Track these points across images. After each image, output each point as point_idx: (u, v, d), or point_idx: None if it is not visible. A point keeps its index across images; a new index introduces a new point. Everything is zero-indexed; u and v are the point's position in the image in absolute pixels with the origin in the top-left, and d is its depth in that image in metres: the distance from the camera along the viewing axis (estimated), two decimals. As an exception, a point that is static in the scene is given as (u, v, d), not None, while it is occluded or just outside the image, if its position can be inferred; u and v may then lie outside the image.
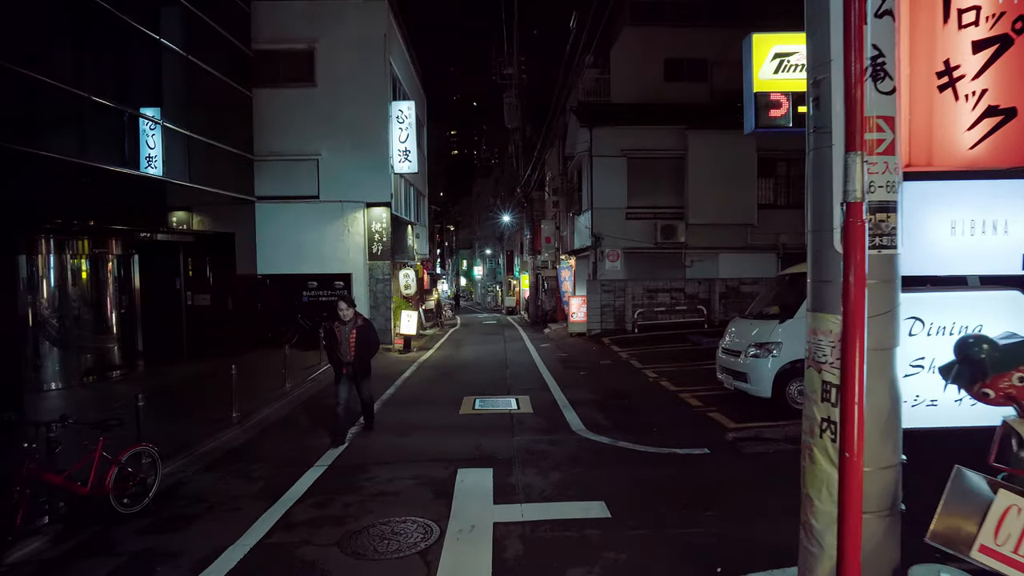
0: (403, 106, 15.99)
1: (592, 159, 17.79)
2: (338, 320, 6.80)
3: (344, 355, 6.73)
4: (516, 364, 12.95)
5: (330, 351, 6.94)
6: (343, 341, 6.73)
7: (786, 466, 5.37)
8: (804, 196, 2.83)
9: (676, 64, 21.56)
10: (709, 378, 9.68)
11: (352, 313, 6.78)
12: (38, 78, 7.98)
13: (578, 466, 5.60)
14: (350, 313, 6.76)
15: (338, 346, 6.77)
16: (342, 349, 6.74)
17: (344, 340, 6.73)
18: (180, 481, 5.60)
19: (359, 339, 6.71)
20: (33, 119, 8.20)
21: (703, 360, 11.93)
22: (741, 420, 7.12)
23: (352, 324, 6.74)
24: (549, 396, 9.11)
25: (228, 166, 13.75)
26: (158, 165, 11.14)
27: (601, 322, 17.43)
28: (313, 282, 15.50)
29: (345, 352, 6.72)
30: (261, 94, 15.19)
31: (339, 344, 6.76)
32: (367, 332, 6.85)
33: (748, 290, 17.77)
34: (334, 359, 6.87)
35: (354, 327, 6.73)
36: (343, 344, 6.73)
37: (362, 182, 15.65)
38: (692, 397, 8.70)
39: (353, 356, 6.71)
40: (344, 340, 6.73)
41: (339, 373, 6.83)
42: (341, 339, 6.75)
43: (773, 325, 7.43)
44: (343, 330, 6.75)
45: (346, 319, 6.74)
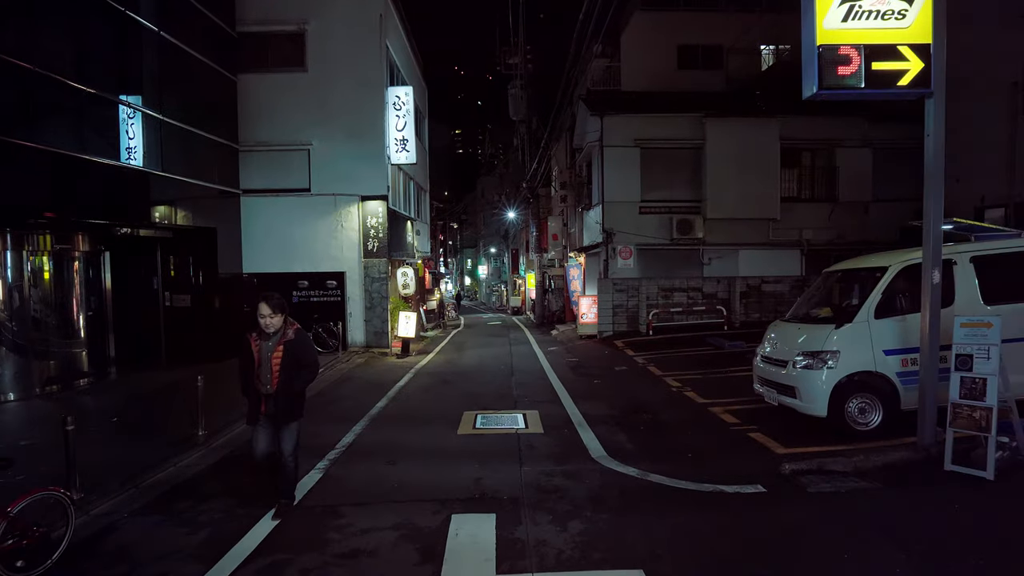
0: (400, 92, 14.89)
1: (603, 149, 16.65)
2: (257, 331, 4.58)
3: (264, 383, 4.50)
4: (522, 371, 11.83)
5: (243, 377, 4.63)
6: (263, 362, 4.48)
7: (871, 514, 4.24)
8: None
9: (690, 51, 20.43)
10: (740, 388, 8.58)
11: (280, 321, 4.53)
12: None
13: (603, 511, 4.47)
14: (276, 321, 4.50)
15: (255, 369, 4.53)
16: (261, 374, 4.50)
17: (265, 360, 4.47)
18: (108, 527, 4.51)
19: (286, 359, 4.48)
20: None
21: (729, 366, 10.81)
22: (792, 444, 5.97)
23: (279, 337, 4.51)
24: (561, 410, 7.98)
25: (210, 156, 12.69)
26: (131, 153, 10.10)
27: (613, 323, 16.29)
28: (304, 281, 14.43)
29: (265, 379, 4.48)
30: (248, 80, 14.11)
31: (256, 366, 4.51)
32: (300, 349, 4.58)
33: (771, 289, 16.63)
34: (248, 388, 4.61)
35: (281, 341, 4.50)
36: (263, 367, 4.49)
37: (357, 174, 14.57)
38: (725, 412, 7.56)
39: (276, 386, 4.47)
40: (265, 360, 4.47)
41: (255, 411, 4.60)
42: (260, 359, 4.49)
43: (827, 331, 6.28)
44: (264, 346, 4.50)
45: (269, 329, 4.50)
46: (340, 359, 13.17)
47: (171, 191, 11.44)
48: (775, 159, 16.41)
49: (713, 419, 7.34)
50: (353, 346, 14.62)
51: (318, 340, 13.72)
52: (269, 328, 4.49)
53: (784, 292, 16.61)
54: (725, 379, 9.83)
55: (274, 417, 4.56)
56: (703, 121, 16.48)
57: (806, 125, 16.68)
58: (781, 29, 19.41)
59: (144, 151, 10.40)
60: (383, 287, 14.69)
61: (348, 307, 14.58)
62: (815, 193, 17.12)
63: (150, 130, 10.51)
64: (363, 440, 6.70)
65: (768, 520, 4.27)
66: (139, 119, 10.28)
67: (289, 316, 4.67)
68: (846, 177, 16.80)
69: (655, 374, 10.73)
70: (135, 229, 11.44)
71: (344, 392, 9.96)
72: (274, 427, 4.60)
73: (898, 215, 16.50)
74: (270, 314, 4.47)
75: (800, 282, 16.64)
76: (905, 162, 16.88)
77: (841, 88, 4.93)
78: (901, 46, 4.91)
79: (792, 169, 17.03)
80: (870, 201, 16.89)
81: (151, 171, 10.51)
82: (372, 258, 14.64)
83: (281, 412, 4.54)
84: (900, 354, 6.04)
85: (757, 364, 7.34)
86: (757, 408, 7.47)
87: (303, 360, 4.60)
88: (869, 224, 16.76)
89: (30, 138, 7.97)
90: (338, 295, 14.42)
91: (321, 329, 13.82)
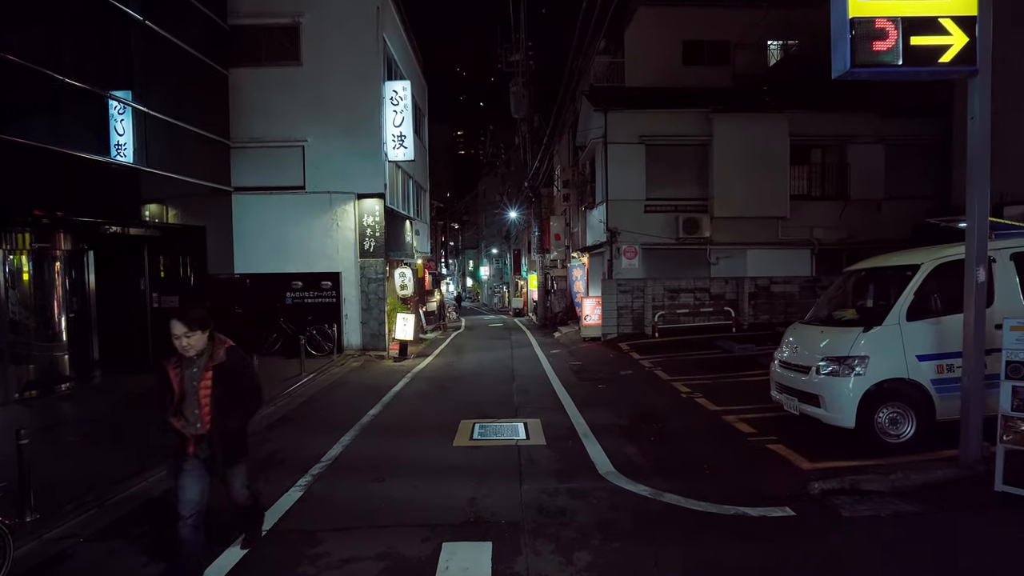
0: (398, 86, 14.42)
1: (607, 146, 16.16)
2: (176, 355, 3.43)
3: (190, 422, 3.40)
4: (524, 375, 11.33)
5: (160, 416, 3.46)
6: (187, 394, 3.39)
7: (918, 544, 3.73)
8: None
9: (695, 46, 19.98)
10: (754, 394, 8.10)
11: (202, 340, 3.40)
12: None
13: (613, 538, 3.97)
14: (196, 341, 3.37)
15: (176, 404, 3.39)
16: (185, 410, 3.39)
17: (189, 392, 3.39)
18: (57, 556, 4.03)
19: (219, 388, 3.41)
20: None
21: (740, 370, 10.31)
22: (817, 458, 5.47)
23: (206, 360, 3.43)
24: (564, 419, 7.48)
25: (200, 152, 12.24)
26: (117, 149, 9.64)
27: (617, 325, 15.79)
28: (298, 282, 13.95)
29: (192, 416, 3.39)
30: (240, 74, 13.68)
31: (178, 400, 3.39)
32: (236, 373, 3.52)
33: (780, 290, 16.11)
34: (169, 430, 3.47)
35: (209, 366, 3.43)
36: (187, 400, 3.39)
37: (353, 171, 14.10)
38: (740, 421, 7.05)
39: (208, 425, 3.41)
40: (189, 392, 3.39)
41: (181, 455, 3.46)
42: (183, 390, 3.39)
43: (854, 334, 5.77)
44: (187, 374, 3.40)
45: (189, 352, 3.37)
46: (335, 363, 12.70)
47: (159, 188, 11.00)
48: (784, 155, 15.93)
49: (728, 429, 6.84)
50: (349, 349, 14.14)
51: (312, 343, 13.26)
52: (189, 350, 3.36)
53: (794, 293, 16.10)
54: (737, 384, 9.32)
55: (209, 463, 3.47)
56: (710, 117, 15.99)
57: (816, 120, 16.19)
58: (789, 24, 18.97)
59: (130, 146, 9.94)
60: (380, 288, 14.22)
61: (344, 309, 14.11)
62: (826, 191, 16.62)
63: (136, 124, 10.05)
64: (351, 453, 6.21)
65: (801, 551, 3.76)
66: (125, 113, 9.82)
67: (218, 333, 3.58)
68: (857, 174, 16.29)
69: (663, 379, 10.23)
70: (121, 227, 10.95)
71: (336, 398, 9.47)
72: (209, 473, 3.50)
73: (911, 213, 15.98)
74: (185, 332, 3.32)
75: (811, 283, 16.14)
76: (918, 159, 16.46)
77: (876, 66, 4.43)
78: (943, 18, 4.41)
79: (802, 166, 16.53)
80: (882, 199, 16.38)
81: (137, 167, 10.04)
82: (369, 258, 14.17)
83: (219, 457, 3.48)
84: (935, 360, 5.53)
85: (774, 370, 6.84)
86: (775, 417, 6.96)
87: (241, 387, 3.54)
88: (882, 222, 16.23)
89: (5, 130, 7.52)
90: (333, 296, 13.95)
91: (315, 332, 13.34)
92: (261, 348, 13.40)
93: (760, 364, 10.71)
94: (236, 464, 3.68)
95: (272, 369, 11.72)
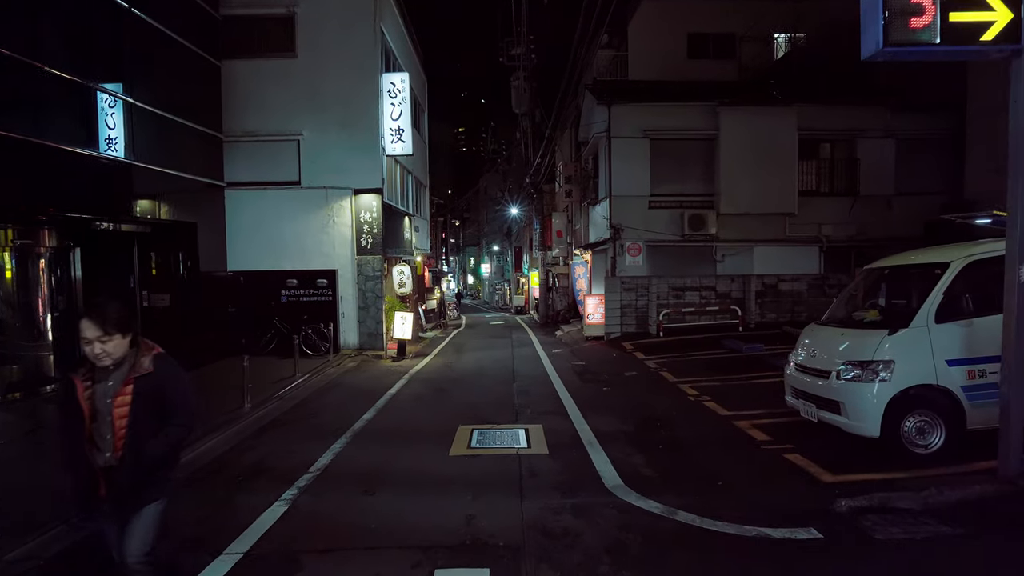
0: (396, 79, 14.03)
1: (610, 141, 15.76)
2: (86, 365, 2.71)
3: (101, 448, 2.68)
4: (525, 376, 10.97)
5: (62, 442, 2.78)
6: (99, 413, 2.67)
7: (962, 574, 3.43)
8: None
9: (700, 39, 19.51)
10: (766, 398, 7.75)
11: (121, 346, 2.70)
12: None
13: (624, 565, 3.60)
14: (114, 347, 2.67)
15: (84, 426, 2.68)
16: (95, 433, 2.68)
17: (102, 411, 2.67)
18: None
19: (140, 406, 2.69)
20: None
21: (749, 372, 9.94)
22: (840, 470, 5.09)
23: (125, 371, 2.71)
24: (568, 425, 7.12)
25: (191, 145, 11.85)
26: (105, 142, 9.27)
27: (621, 324, 15.41)
28: (293, 280, 13.57)
29: (104, 440, 2.67)
30: (233, 66, 13.28)
31: (88, 421, 2.68)
32: (163, 386, 2.77)
33: (788, 288, 15.71)
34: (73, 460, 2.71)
35: (129, 377, 2.71)
36: (99, 421, 2.67)
37: (350, 165, 13.73)
38: (753, 427, 6.68)
39: (120, 452, 2.67)
40: (102, 411, 2.67)
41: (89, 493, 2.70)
42: (93, 409, 2.68)
43: (878, 337, 5.39)
44: (100, 389, 2.69)
45: (104, 360, 2.67)
46: (331, 363, 12.34)
47: (148, 183, 10.63)
48: (792, 150, 15.53)
49: (740, 436, 6.47)
50: (346, 349, 13.79)
51: (308, 343, 12.90)
52: (103, 359, 2.65)
53: (802, 291, 15.71)
54: (748, 387, 8.95)
55: (120, 503, 2.71)
56: (717, 110, 15.59)
57: (825, 114, 15.78)
58: (796, 16, 18.54)
59: (118, 140, 9.56)
60: (378, 286, 13.85)
61: (340, 307, 13.74)
62: (834, 186, 16.21)
63: (124, 117, 9.67)
64: (342, 462, 5.85)
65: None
66: (112, 105, 9.44)
67: (143, 337, 2.84)
68: (867, 169, 15.88)
69: (669, 380, 9.86)
70: (108, 223, 10.61)
71: (329, 401, 9.12)
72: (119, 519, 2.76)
73: (922, 209, 15.58)
74: (99, 336, 2.61)
75: (819, 281, 15.75)
76: (929, 153, 16.05)
77: (911, 45, 4.05)
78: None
79: (810, 161, 16.13)
80: (893, 195, 15.97)
81: (124, 161, 9.67)
82: (366, 255, 13.80)
83: (129, 490, 2.69)
84: (966, 365, 5.15)
85: (790, 373, 6.47)
86: (790, 423, 6.60)
87: (169, 404, 2.77)
88: (892, 219, 15.83)
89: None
90: (329, 294, 13.58)
91: (311, 331, 12.98)
92: (256, 348, 13.05)
93: (770, 365, 10.35)
94: (148, 503, 2.76)
95: (266, 370, 11.37)
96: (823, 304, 15.82)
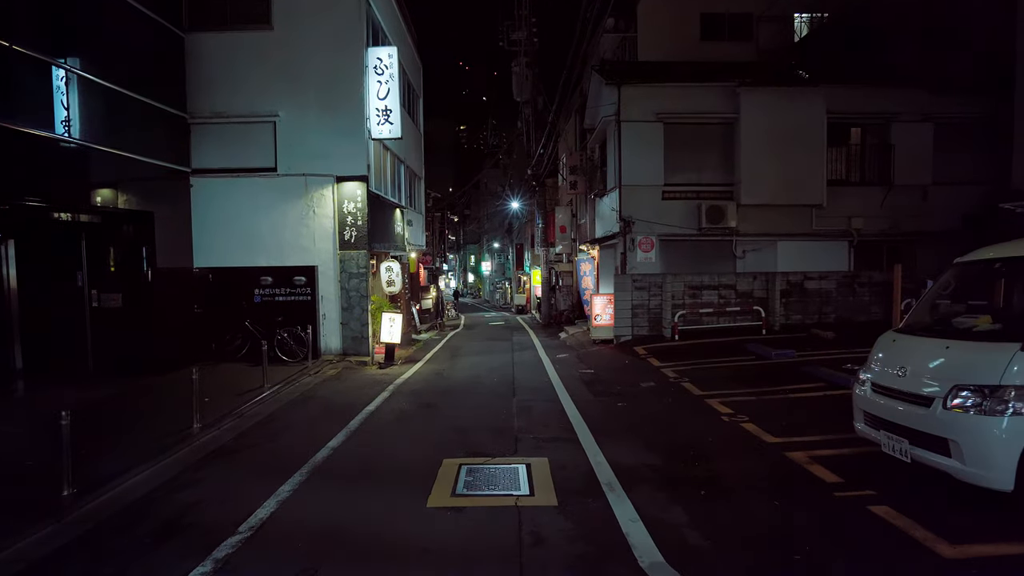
0: (382, 53, 12.61)
1: (620, 126, 14.36)
2: None
3: None
4: (527, 387, 9.58)
5: None
6: None
7: None
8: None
9: (714, 19, 18.12)
10: (815, 419, 6.52)
11: None
12: None
13: None
14: None
15: None
16: None
17: None
18: None
19: None
20: None
21: (784, 383, 8.57)
22: (959, 536, 3.70)
23: None
24: (579, 457, 5.73)
25: (150, 125, 10.50)
26: (42, 116, 7.91)
27: (632, 326, 14.01)
28: (267, 277, 12.18)
29: None
30: (201, 39, 11.91)
31: None
32: None
33: (815, 287, 14.30)
34: None
35: None
36: None
37: (332, 150, 12.34)
38: (813, 461, 5.28)
39: None
40: None
41: None
42: None
43: (1005, 353, 3.98)
44: None
45: None
46: (308, 370, 10.96)
47: (101, 168, 9.25)
48: (820, 135, 14.14)
49: (801, 475, 5.07)
50: (327, 354, 12.40)
51: (283, 348, 11.53)
52: None
53: (831, 291, 14.30)
54: (789, 404, 7.56)
55: None
56: (736, 91, 14.19)
57: (856, 96, 14.39)
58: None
59: (59, 114, 8.20)
60: (362, 284, 12.45)
61: (321, 308, 12.35)
62: (866, 175, 14.82)
63: (67, 90, 8.30)
64: (285, 515, 4.46)
65: None
66: (49, 73, 8.06)
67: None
68: (902, 157, 14.46)
69: (693, 394, 8.47)
70: (49, 212, 9.23)
71: (296, 419, 7.73)
72: None
73: (961, 200, 14.22)
74: None
75: (849, 279, 14.35)
76: (970, 140, 14.63)
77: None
78: None
79: (839, 148, 14.73)
80: (929, 184, 14.54)
81: (69, 140, 8.31)
82: (350, 250, 12.40)
83: None
84: None
85: (863, 395, 5.07)
86: (860, 457, 5.24)
87: None
88: (927, 211, 14.45)
89: None
90: (308, 294, 12.19)
91: (287, 335, 11.59)
92: (225, 353, 11.68)
93: (807, 375, 8.97)
94: None
95: (232, 379, 10.01)
96: (854, 305, 14.48)
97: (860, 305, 14.27)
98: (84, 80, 8.63)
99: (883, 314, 13.91)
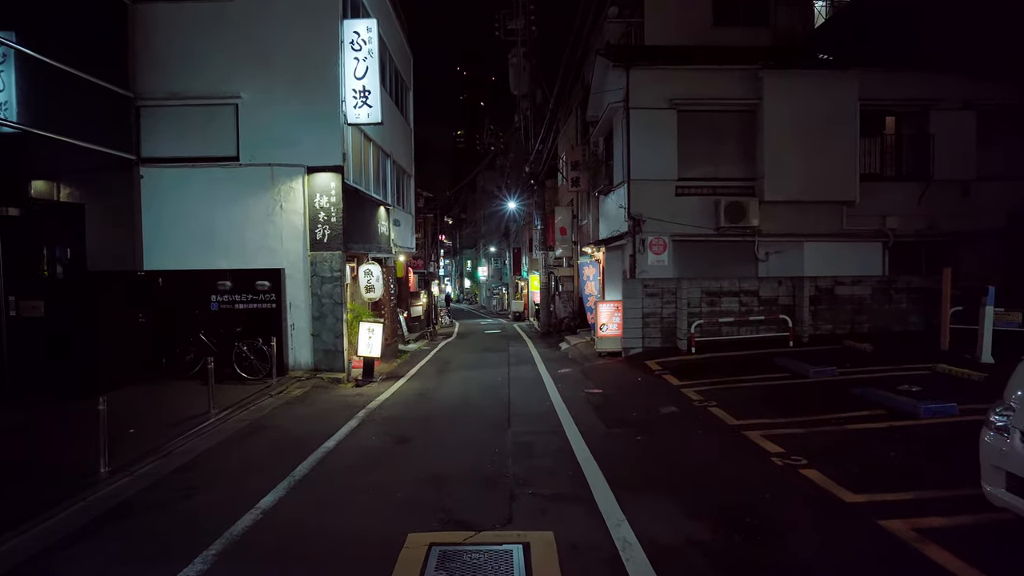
0: (360, 26, 11.08)
1: (628, 113, 12.86)
2: None
3: None
4: (525, 416, 8.01)
5: None
6: None
7: None
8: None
9: (728, 4, 16.54)
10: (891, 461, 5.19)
11: None
12: None
13: None
14: None
15: None
16: None
17: None
18: None
19: None
20: None
21: (834, 409, 7.07)
22: None
23: None
24: (596, 527, 4.17)
25: (86, 104, 8.97)
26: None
27: (643, 337, 12.47)
28: (226, 282, 10.59)
29: None
30: (152, 9, 10.41)
31: None
32: None
33: (846, 293, 12.79)
34: None
35: None
36: None
37: (302, 137, 10.81)
38: (927, 540, 3.75)
39: None
40: None
41: None
42: None
43: None
44: None
45: None
46: (270, 390, 9.39)
47: (13, 149, 7.70)
48: (853, 124, 12.63)
49: (911, 556, 3.54)
50: (296, 370, 10.83)
51: (243, 364, 9.96)
52: None
53: (864, 297, 12.78)
54: (851, 439, 6.02)
55: None
56: (759, 75, 12.70)
57: (890, 81, 12.91)
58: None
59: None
60: (336, 290, 10.88)
61: (288, 317, 10.78)
62: (901, 169, 13.31)
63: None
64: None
65: None
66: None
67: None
68: (942, 148, 12.96)
69: (727, 423, 6.93)
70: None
71: (235, 460, 6.15)
72: None
73: (1006, 197, 12.74)
74: None
75: (884, 284, 12.83)
76: (1016, 129, 13.18)
77: None
78: None
79: (872, 138, 13.24)
80: (972, 179, 13.04)
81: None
82: (322, 250, 10.86)
83: None
84: None
85: (1004, 448, 3.53)
86: (995, 530, 3.72)
87: None
88: (968, 209, 12.93)
89: None
90: (274, 300, 10.61)
91: (247, 348, 10.02)
92: (175, 370, 10.10)
93: (858, 399, 7.42)
94: None
95: (175, 401, 8.46)
96: (890, 313, 12.93)
97: (897, 313, 12.75)
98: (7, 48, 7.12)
99: (923, 324, 12.44)
